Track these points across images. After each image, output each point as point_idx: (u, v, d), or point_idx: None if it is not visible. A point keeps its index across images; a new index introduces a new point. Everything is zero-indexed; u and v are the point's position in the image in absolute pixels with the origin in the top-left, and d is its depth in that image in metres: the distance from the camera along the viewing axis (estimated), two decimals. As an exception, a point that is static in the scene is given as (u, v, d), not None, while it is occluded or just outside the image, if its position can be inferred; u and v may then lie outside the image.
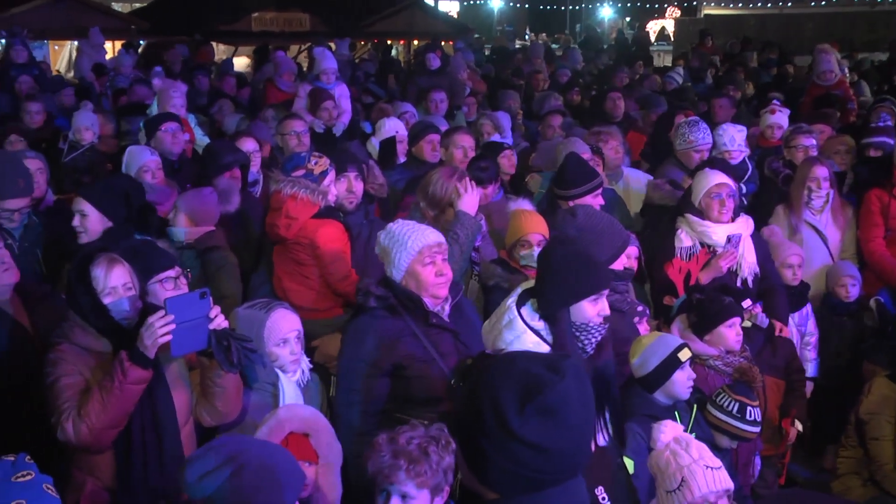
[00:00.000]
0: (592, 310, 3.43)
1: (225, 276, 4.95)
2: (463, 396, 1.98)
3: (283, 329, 3.90)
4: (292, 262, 4.80)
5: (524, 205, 5.14)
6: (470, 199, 4.72)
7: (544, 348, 3.39)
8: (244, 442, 2.48)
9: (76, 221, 4.74)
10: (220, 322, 3.32)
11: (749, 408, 4.17)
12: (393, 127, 7.37)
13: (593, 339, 3.46)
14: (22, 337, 3.98)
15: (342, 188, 4.99)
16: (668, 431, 3.39)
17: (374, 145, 7.42)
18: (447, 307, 3.92)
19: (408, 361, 3.78)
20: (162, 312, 3.23)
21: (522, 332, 3.39)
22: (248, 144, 6.30)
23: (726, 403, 4.18)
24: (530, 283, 3.55)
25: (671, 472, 3.25)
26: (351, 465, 3.73)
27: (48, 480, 2.55)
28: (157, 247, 4.21)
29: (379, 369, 3.79)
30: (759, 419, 4.23)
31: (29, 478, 2.50)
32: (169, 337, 3.22)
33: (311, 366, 4.14)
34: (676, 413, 4.00)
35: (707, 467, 3.23)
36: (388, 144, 7.17)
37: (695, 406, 4.18)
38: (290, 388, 3.88)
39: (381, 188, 5.94)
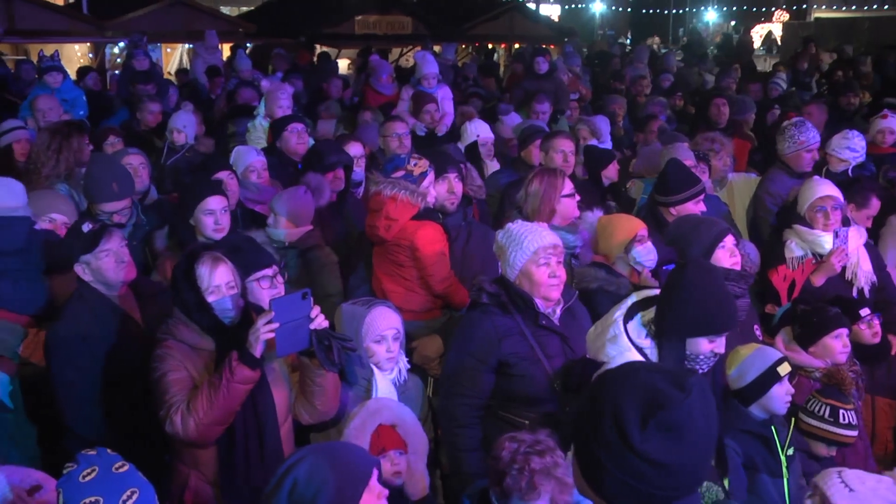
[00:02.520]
0: (708, 346, 3.26)
1: (328, 274, 5.03)
2: (582, 404, 1.96)
3: (380, 326, 3.95)
4: (392, 264, 4.84)
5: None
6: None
7: None
8: (297, 455, 2.51)
9: (211, 220, 4.80)
10: (320, 322, 3.35)
11: (842, 411, 4.06)
12: (474, 130, 7.39)
13: (705, 367, 3.30)
14: (134, 332, 4.09)
15: (442, 189, 5.01)
16: None
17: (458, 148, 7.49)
18: (559, 310, 3.94)
19: (513, 359, 3.82)
20: (268, 313, 3.29)
21: (626, 350, 3.31)
22: (354, 148, 6.38)
23: (817, 409, 4.09)
24: (642, 295, 3.44)
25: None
26: (448, 456, 3.78)
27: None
28: (257, 244, 4.27)
29: (485, 364, 3.84)
30: (854, 422, 4.10)
31: (126, 468, 2.56)
32: (272, 335, 3.28)
33: (410, 366, 4.17)
34: (773, 428, 3.89)
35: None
36: (472, 149, 7.21)
37: (794, 420, 4.07)
38: (384, 385, 3.92)
39: (480, 190, 5.97)
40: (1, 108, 9.01)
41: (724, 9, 38.74)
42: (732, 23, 38.03)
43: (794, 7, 34.90)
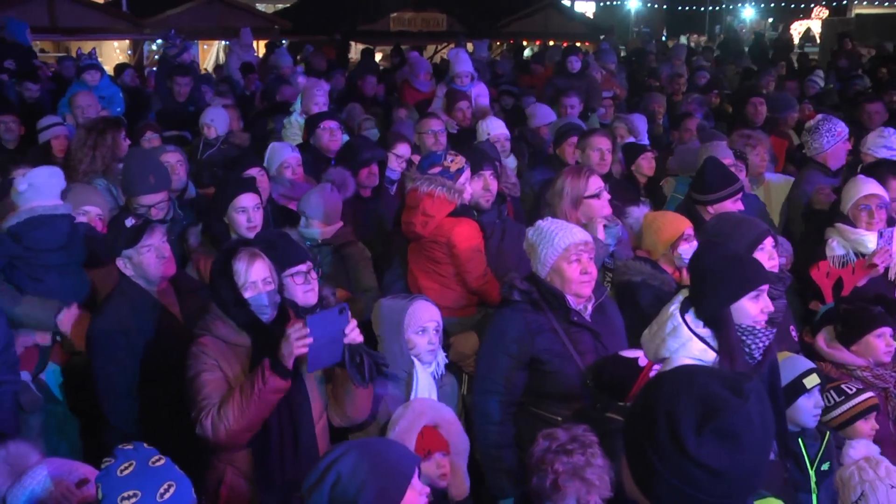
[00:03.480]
0: (755, 307, 3.36)
1: (363, 270, 5.05)
2: (635, 407, 1.94)
3: (423, 318, 3.96)
4: (428, 260, 4.84)
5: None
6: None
7: (710, 356, 3.34)
8: (340, 449, 2.52)
9: (244, 218, 4.81)
10: (354, 337, 3.37)
11: (843, 385, 4.09)
12: (486, 128, 7.37)
13: (761, 344, 3.37)
14: (173, 327, 4.13)
15: (478, 186, 5.00)
16: (861, 449, 3.47)
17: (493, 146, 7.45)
18: (590, 307, 3.93)
19: (546, 356, 3.83)
20: (301, 325, 3.29)
21: (688, 340, 3.36)
22: (401, 149, 6.41)
23: (827, 401, 4.02)
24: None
25: (853, 485, 3.36)
26: (483, 455, 3.78)
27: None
28: (292, 240, 4.28)
29: (517, 361, 3.85)
30: (860, 385, 4.11)
31: (163, 462, 2.58)
32: (305, 350, 3.28)
33: (448, 361, 4.17)
34: (800, 441, 3.80)
35: (892, 486, 3.28)
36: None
37: (827, 434, 3.93)
38: (425, 377, 3.92)
39: (514, 187, 5.95)
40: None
41: (762, 5, 38.29)
42: (770, 20, 37.62)
43: (834, 3, 34.40)
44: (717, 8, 37.43)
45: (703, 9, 36.81)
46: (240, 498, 3.55)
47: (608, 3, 38.06)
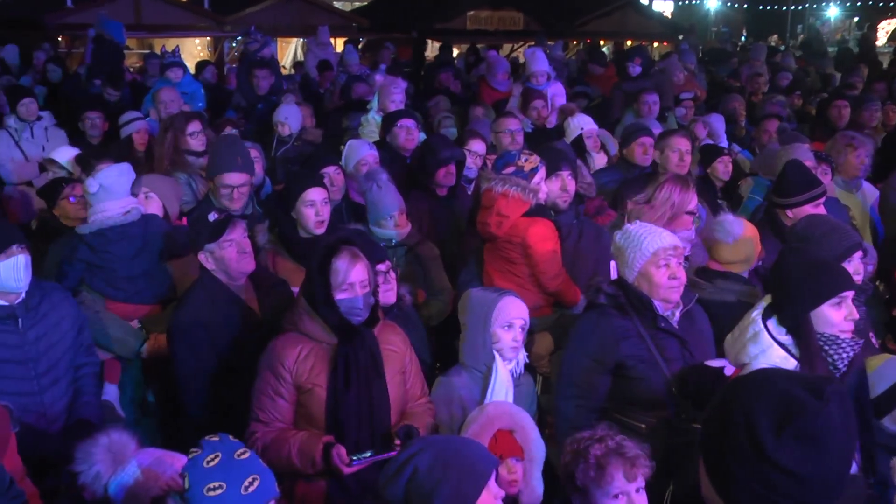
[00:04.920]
0: (837, 315, 3.29)
1: (436, 269, 5.08)
2: (712, 410, 1.92)
3: (511, 313, 3.94)
4: (503, 261, 4.81)
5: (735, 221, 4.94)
6: None
7: (791, 363, 3.28)
8: (420, 444, 2.52)
9: (312, 212, 4.84)
10: None
11: None
12: (579, 123, 7.31)
13: (845, 355, 3.30)
14: (253, 322, 4.17)
15: (555, 187, 4.96)
16: None
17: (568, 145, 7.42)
18: (677, 313, 3.85)
19: (631, 361, 3.77)
20: (347, 463, 3.40)
21: (768, 346, 3.30)
22: (476, 146, 6.40)
23: None
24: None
25: None
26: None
27: None
28: (370, 238, 4.31)
29: (601, 366, 3.80)
30: None
31: (248, 455, 2.61)
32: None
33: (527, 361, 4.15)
34: None
35: None
36: (578, 143, 7.15)
37: None
38: (504, 374, 3.90)
39: (590, 188, 5.90)
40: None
41: (847, 4, 37.29)
42: (856, 19, 36.62)
43: (924, 1, 33.34)
44: (800, 7, 36.59)
45: (784, 8, 36.04)
46: (315, 494, 3.58)
47: (686, 2, 37.51)
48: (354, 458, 3.40)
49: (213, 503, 2.49)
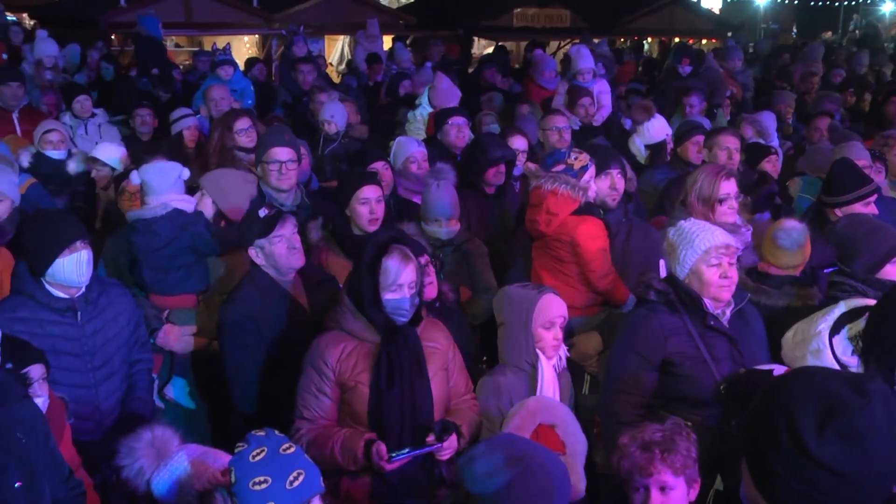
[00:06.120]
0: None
1: (483, 267, 5.09)
2: (755, 409, 1.90)
3: (552, 312, 3.93)
4: (552, 259, 4.80)
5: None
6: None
7: None
8: (529, 446, 2.51)
9: (366, 210, 4.84)
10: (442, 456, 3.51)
11: None
12: (662, 129, 7.27)
13: None
14: (301, 318, 4.19)
15: (605, 185, 4.94)
16: None
17: (637, 146, 7.36)
18: (728, 312, 3.81)
19: (679, 359, 3.74)
20: (387, 460, 3.41)
21: (829, 365, 3.21)
22: (518, 142, 6.38)
23: None
24: (851, 304, 3.34)
25: None
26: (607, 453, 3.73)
27: None
28: (407, 235, 4.29)
29: (649, 362, 3.78)
30: None
31: (293, 450, 2.61)
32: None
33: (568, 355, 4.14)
34: None
35: None
36: (660, 147, 7.19)
37: None
38: (549, 371, 3.90)
39: (630, 183, 5.82)
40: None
41: (902, 0, 36.60)
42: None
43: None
44: (853, 3, 35.94)
45: (837, 3, 35.42)
46: (360, 490, 3.59)
47: (736, -2, 37.06)
48: (393, 454, 3.41)
49: (259, 497, 2.49)
